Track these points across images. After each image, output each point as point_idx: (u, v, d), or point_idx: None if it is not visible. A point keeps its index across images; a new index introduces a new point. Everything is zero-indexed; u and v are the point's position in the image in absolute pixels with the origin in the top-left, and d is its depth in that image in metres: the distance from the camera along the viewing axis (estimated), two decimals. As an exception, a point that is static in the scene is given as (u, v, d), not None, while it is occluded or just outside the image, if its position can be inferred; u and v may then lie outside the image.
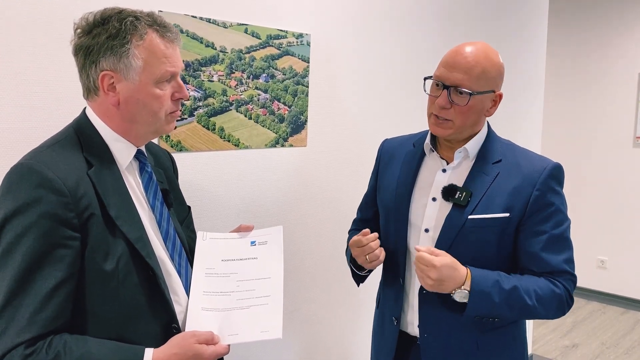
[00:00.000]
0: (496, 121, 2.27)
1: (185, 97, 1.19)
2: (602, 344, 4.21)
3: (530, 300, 1.35)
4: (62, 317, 1.01)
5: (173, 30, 1.15)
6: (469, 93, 1.35)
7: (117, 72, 1.09)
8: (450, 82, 1.37)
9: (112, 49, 1.08)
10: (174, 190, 1.35)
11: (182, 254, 1.26)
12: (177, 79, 1.17)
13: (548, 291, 1.37)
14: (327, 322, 2.32)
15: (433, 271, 1.31)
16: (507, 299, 1.34)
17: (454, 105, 1.37)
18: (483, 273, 1.37)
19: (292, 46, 2.01)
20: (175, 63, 1.15)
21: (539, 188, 1.39)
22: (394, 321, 1.53)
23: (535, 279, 1.39)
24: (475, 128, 1.45)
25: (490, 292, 1.34)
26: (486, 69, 1.37)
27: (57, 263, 1.00)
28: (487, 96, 1.40)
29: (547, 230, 1.39)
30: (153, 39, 1.11)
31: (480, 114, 1.42)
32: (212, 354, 1.10)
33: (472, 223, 1.39)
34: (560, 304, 1.40)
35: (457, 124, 1.39)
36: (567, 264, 1.40)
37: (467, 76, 1.35)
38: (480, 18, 2.94)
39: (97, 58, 1.09)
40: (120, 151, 1.16)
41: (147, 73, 1.11)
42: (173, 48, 1.15)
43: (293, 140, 2.07)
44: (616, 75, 5.03)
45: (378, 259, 1.45)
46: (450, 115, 1.39)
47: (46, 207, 0.99)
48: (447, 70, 1.38)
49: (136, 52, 1.09)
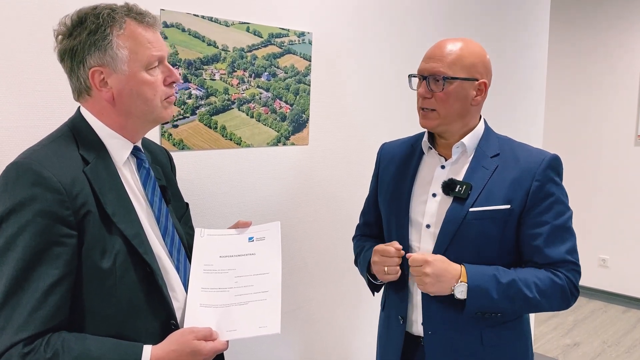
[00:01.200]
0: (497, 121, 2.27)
1: (177, 79, 1.19)
2: (604, 342, 4.21)
3: (531, 292, 1.35)
4: (60, 315, 1.02)
5: (151, 16, 1.16)
6: (444, 77, 1.40)
7: (105, 66, 1.10)
8: (427, 72, 1.42)
9: (95, 44, 1.09)
10: (171, 187, 1.35)
11: (181, 250, 1.27)
12: (165, 63, 1.18)
13: (549, 282, 1.37)
14: (328, 320, 2.33)
15: (427, 267, 1.35)
16: (506, 292, 1.35)
17: (434, 93, 1.42)
18: (478, 269, 1.38)
19: (293, 45, 2.01)
20: (159, 47, 1.16)
21: (538, 179, 1.40)
22: (400, 320, 1.53)
23: (536, 270, 1.39)
24: (466, 120, 1.46)
25: (488, 287, 1.35)
26: (461, 56, 1.41)
27: (54, 261, 1.01)
28: (468, 84, 1.42)
29: (548, 221, 1.39)
30: (133, 27, 1.12)
31: (465, 102, 1.43)
32: (210, 350, 1.11)
33: (473, 216, 1.40)
34: (563, 295, 1.39)
35: (442, 113, 1.43)
36: (569, 254, 1.40)
37: (440, 63, 1.41)
38: (482, 17, 2.93)
39: (83, 57, 1.10)
40: (116, 148, 1.16)
41: (135, 61, 1.11)
42: (154, 32, 1.16)
43: (295, 138, 2.07)
44: (618, 74, 5.00)
45: (394, 274, 1.47)
46: (432, 104, 1.43)
47: (42, 205, 1.00)
48: (425, 62, 1.45)
49: (119, 42, 1.10)
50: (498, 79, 3.13)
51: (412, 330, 1.53)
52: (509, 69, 3.18)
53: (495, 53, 3.05)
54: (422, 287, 1.38)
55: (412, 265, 1.39)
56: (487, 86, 1.46)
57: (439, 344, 1.46)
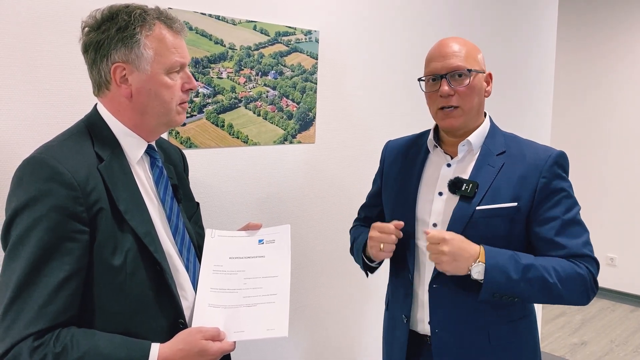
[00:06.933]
0: (505, 119, 2.27)
1: (194, 87, 1.22)
2: (611, 341, 4.19)
3: (551, 277, 1.32)
4: (70, 310, 1.03)
5: (179, 22, 1.19)
6: (468, 71, 1.41)
7: (128, 63, 1.12)
8: (447, 69, 1.42)
9: (122, 40, 1.11)
10: (183, 187, 1.36)
11: (191, 249, 1.27)
12: (186, 70, 1.20)
13: (570, 270, 1.34)
14: (333, 319, 2.33)
15: (445, 245, 1.32)
16: (524, 274, 1.32)
17: (457, 89, 1.42)
18: (497, 250, 1.35)
19: (300, 43, 2.01)
20: (183, 54, 1.18)
21: (545, 175, 1.39)
22: (404, 319, 1.53)
23: (555, 258, 1.36)
24: (480, 114, 1.49)
25: (507, 265, 1.32)
26: (470, 50, 1.45)
27: (66, 256, 1.02)
28: (482, 76, 1.47)
29: (558, 216, 1.38)
30: (161, 30, 1.14)
31: (481, 94, 1.47)
32: (217, 350, 1.11)
33: (480, 214, 1.39)
34: (584, 287, 1.35)
35: (465, 109, 1.43)
36: (585, 247, 1.38)
37: (458, 58, 1.42)
38: (489, 16, 2.92)
39: (108, 51, 1.11)
40: (130, 146, 1.17)
41: (158, 63, 1.13)
42: (180, 39, 1.18)
43: (301, 136, 2.07)
44: (626, 71, 4.97)
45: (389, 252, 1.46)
46: (455, 101, 1.42)
47: (56, 201, 1.01)
48: (438, 62, 1.44)
49: (147, 42, 1.12)
50: (506, 77, 3.12)
51: (418, 329, 1.52)
52: (517, 67, 3.16)
53: (503, 51, 3.04)
54: (439, 265, 1.35)
55: (430, 242, 1.35)
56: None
57: (446, 343, 1.46)
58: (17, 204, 1.02)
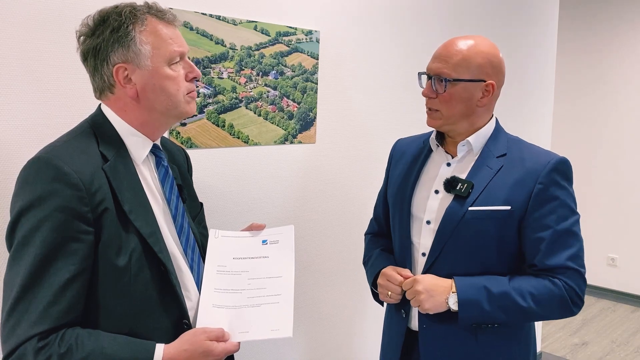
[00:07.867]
0: (506, 120, 2.26)
1: (198, 75, 1.21)
2: (612, 342, 4.19)
3: (525, 302, 1.34)
4: (74, 310, 1.02)
5: (170, 13, 1.18)
6: (445, 79, 1.39)
7: (129, 62, 1.11)
8: (432, 72, 1.42)
9: (118, 40, 1.10)
10: (187, 187, 1.36)
11: (195, 250, 1.27)
12: (186, 59, 1.19)
13: (545, 291, 1.35)
14: (333, 319, 2.32)
15: (417, 285, 1.39)
16: (498, 303, 1.35)
17: (438, 94, 1.41)
18: (469, 280, 1.38)
19: (301, 43, 2.01)
20: (180, 43, 1.18)
21: (542, 181, 1.37)
22: (403, 314, 1.54)
23: (532, 279, 1.38)
24: (472, 120, 1.44)
25: (479, 298, 1.35)
26: (468, 57, 1.38)
27: (71, 256, 1.01)
28: (473, 85, 1.39)
29: (550, 225, 1.37)
30: (154, 23, 1.14)
31: (469, 103, 1.41)
32: (222, 351, 1.11)
33: (472, 215, 1.39)
34: (563, 304, 1.36)
35: (445, 114, 1.42)
36: (570, 261, 1.36)
37: (445, 64, 1.39)
38: (490, 15, 2.92)
39: (107, 54, 1.11)
40: (135, 146, 1.17)
41: (157, 56, 1.13)
42: (174, 29, 1.18)
43: (302, 137, 2.07)
44: (627, 72, 4.98)
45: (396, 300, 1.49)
46: (436, 104, 1.43)
47: (61, 201, 1.01)
48: (432, 62, 1.44)
49: (142, 38, 1.11)
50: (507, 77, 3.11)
51: (411, 325, 1.53)
52: (518, 67, 3.16)
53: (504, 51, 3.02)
54: (420, 306, 1.39)
55: (405, 289, 1.43)
56: (496, 87, 1.42)
57: (432, 338, 1.47)
58: (22, 204, 1.01)
